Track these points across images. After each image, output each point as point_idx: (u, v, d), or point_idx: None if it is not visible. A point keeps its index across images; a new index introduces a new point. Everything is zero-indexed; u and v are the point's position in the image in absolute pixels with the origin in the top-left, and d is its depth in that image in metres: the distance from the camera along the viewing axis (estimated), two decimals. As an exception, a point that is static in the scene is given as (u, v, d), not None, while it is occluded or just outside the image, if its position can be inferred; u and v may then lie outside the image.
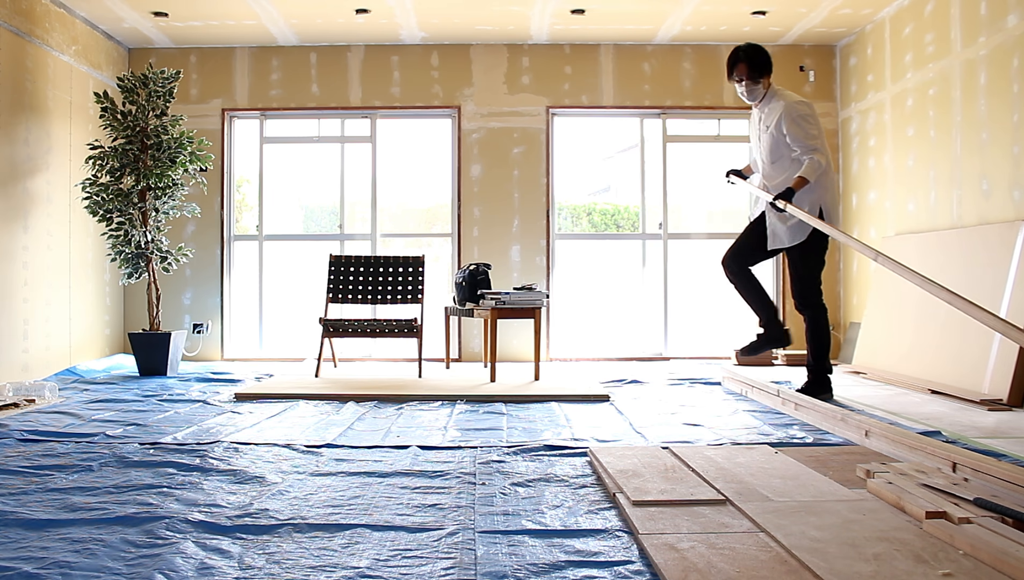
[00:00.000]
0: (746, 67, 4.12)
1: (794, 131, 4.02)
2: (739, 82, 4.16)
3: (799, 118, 4.02)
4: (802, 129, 4.01)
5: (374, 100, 6.53)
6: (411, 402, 4.22)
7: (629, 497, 2.21)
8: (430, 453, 2.95)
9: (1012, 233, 4.29)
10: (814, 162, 3.96)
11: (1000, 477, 2.27)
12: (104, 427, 3.47)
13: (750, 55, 4.12)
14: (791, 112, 4.03)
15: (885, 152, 5.78)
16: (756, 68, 4.12)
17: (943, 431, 3.31)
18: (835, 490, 2.29)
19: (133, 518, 2.11)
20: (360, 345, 6.63)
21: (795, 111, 4.03)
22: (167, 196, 5.45)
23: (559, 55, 6.54)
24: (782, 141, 4.09)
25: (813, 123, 4.04)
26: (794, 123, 4.02)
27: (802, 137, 4.01)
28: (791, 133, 4.02)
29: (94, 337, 5.96)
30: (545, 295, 5.00)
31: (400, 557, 1.83)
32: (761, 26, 6.09)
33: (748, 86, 4.15)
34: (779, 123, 4.06)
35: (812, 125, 4.03)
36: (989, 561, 1.69)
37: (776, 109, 4.10)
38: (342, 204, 6.67)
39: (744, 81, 4.14)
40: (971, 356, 4.34)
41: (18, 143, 4.99)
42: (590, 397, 4.31)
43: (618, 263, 6.75)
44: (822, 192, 4.04)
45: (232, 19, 5.91)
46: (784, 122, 4.04)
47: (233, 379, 5.18)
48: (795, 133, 4.02)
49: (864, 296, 6.05)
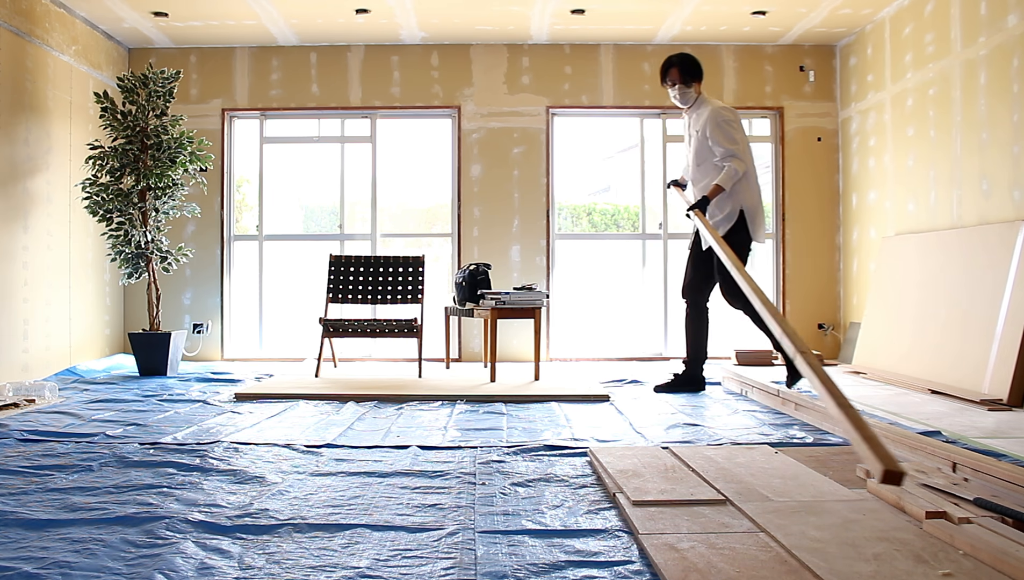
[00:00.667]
0: (678, 72, 4.35)
1: (716, 136, 4.24)
2: (672, 86, 4.39)
3: (723, 123, 4.25)
4: (724, 134, 4.23)
5: (374, 100, 6.53)
6: (411, 402, 4.22)
7: (629, 497, 2.21)
8: (430, 453, 2.95)
9: (1012, 233, 4.29)
10: (730, 169, 4.19)
11: (1000, 477, 2.28)
12: (104, 427, 3.47)
13: (683, 61, 4.37)
14: (715, 117, 4.26)
15: (885, 152, 5.78)
16: (688, 73, 4.35)
17: (943, 431, 3.31)
18: (835, 490, 2.29)
19: (133, 518, 2.11)
20: (360, 345, 6.63)
21: (719, 116, 4.26)
22: (167, 196, 5.45)
23: (559, 55, 6.54)
24: (707, 145, 4.31)
25: (736, 129, 4.27)
26: (717, 128, 4.25)
27: (723, 142, 4.23)
28: (714, 137, 4.25)
29: (94, 337, 5.96)
30: (545, 295, 5.00)
31: (400, 557, 1.83)
32: (761, 26, 6.09)
33: (680, 90, 4.37)
34: (704, 128, 4.29)
35: (735, 131, 4.26)
36: (989, 561, 1.69)
37: (703, 114, 4.33)
38: (342, 204, 6.67)
39: (677, 85, 4.37)
40: (971, 356, 4.34)
41: (18, 143, 4.99)
42: (590, 397, 4.31)
43: (618, 263, 6.75)
44: (742, 196, 4.26)
45: (232, 19, 5.91)
46: (708, 127, 4.27)
47: (233, 379, 5.18)
48: (717, 138, 4.24)
49: (864, 296, 6.05)
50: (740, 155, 4.23)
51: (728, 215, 4.28)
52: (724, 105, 4.34)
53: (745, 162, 4.25)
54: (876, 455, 1.85)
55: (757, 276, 6.79)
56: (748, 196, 4.28)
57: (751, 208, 4.29)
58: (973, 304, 4.45)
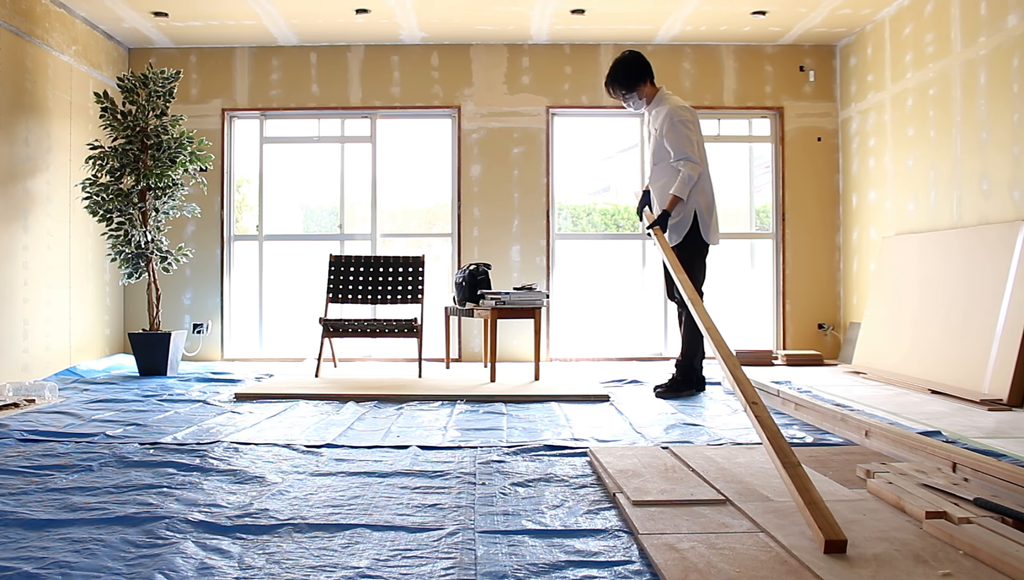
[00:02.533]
0: (617, 86, 4.32)
1: (671, 137, 4.17)
2: (620, 98, 4.37)
3: (679, 124, 4.17)
4: (679, 135, 4.15)
5: (374, 100, 6.53)
6: (411, 402, 4.22)
7: (629, 497, 2.21)
8: (430, 453, 2.95)
9: (1012, 233, 4.29)
10: (685, 176, 4.11)
11: (1000, 477, 2.28)
12: (104, 427, 3.47)
13: (615, 73, 4.30)
14: (672, 117, 4.18)
15: (885, 152, 5.78)
16: (626, 81, 4.29)
17: (943, 431, 3.31)
18: (835, 490, 2.29)
19: (133, 518, 2.11)
20: (360, 345, 6.63)
21: (676, 116, 4.18)
22: (167, 196, 5.45)
23: (559, 55, 6.54)
24: (663, 145, 4.25)
25: (693, 130, 4.19)
26: (672, 129, 4.17)
27: (676, 143, 4.16)
28: (668, 138, 4.19)
29: (94, 337, 5.96)
30: (545, 295, 5.00)
31: (400, 557, 1.83)
32: (761, 26, 6.09)
33: (628, 98, 4.34)
34: (662, 127, 4.23)
35: (692, 132, 4.18)
36: (989, 561, 1.69)
37: (661, 113, 4.25)
38: (342, 204, 6.67)
39: (624, 96, 4.34)
40: (971, 356, 4.33)
41: (18, 143, 4.99)
42: (590, 397, 4.31)
43: (618, 263, 6.75)
44: (696, 199, 4.20)
45: (232, 19, 5.91)
46: (664, 126, 4.20)
47: (233, 379, 5.18)
48: (672, 139, 4.17)
49: (864, 296, 6.05)
50: (695, 158, 4.15)
51: (682, 221, 4.21)
52: (683, 104, 4.26)
53: (699, 165, 4.18)
54: (818, 524, 1.80)
55: (757, 276, 6.79)
56: (702, 198, 4.22)
57: (704, 210, 4.23)
58: (973, 304, 4.45)
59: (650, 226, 4.15)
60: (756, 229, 6.94)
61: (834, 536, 1.77)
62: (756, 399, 2.40)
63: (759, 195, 7.08)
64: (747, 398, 2.42)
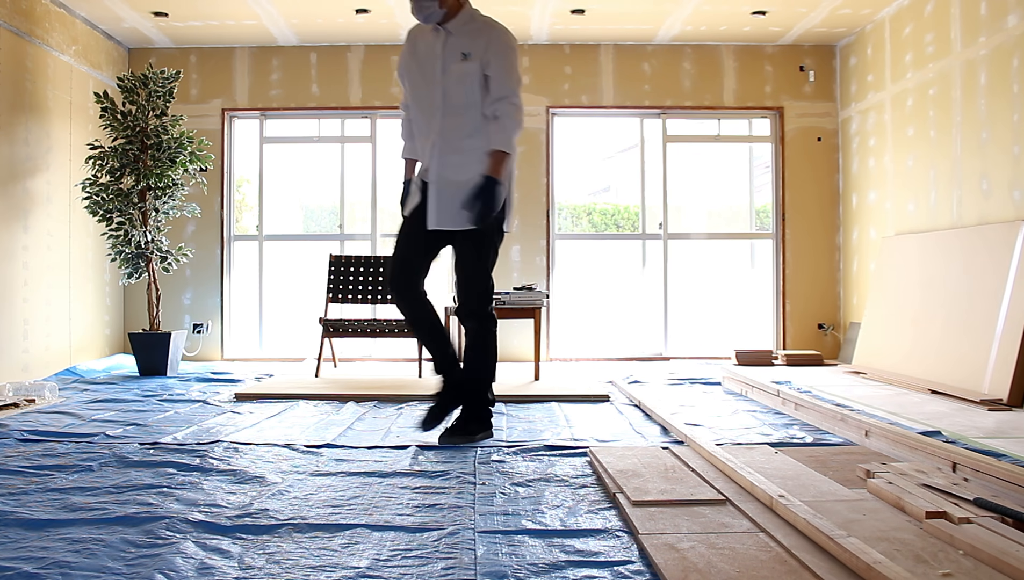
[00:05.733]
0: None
1: (502, 65, 3.01)
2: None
3: (510, 51, 3.05)
4: (512, 68, 3.04)
5: (374, 100, 6.53)
6: (411, 402, 4.22)
7: (629, 497, 2.21)
8: (430, 453, 2.95)
9: (1012, 233, 4.29)
10: (512, 123, 3.01)
11: (1000, 477, 2.28)
12: (104, 427, 3.47)
13: None
14: (505, 42, 3.05)
15: (885, 152, 5.78)
16: None
17: (943, 431, 3.31)
18: (835, 490, 2.29)
19: (133, 518, 2.11)
20: (360, 345, 6.63)
21: (509, 42, 3.07)
22: (167, 196, 5.45)
23: (559, 55, 6.54)
24: (479, 81, 3.03)
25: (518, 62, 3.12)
26: (505, 56, 3.03)
27: (507, 79, 3.02)
28: (497, 70, 3.01)
29: (94, 337, 5.96)
30: (545, 295, 5.00)
31: (400, 557, 1.83)
32: (761, 26, 6.09)
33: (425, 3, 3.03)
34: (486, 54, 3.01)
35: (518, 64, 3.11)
36: (989, 561, 1.69)
37: (475, 35, 3.05)
38: (342, 204, 6.67)
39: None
40: (971, 356, 4.34)
41: (18, 143, 4.99)
42: (590, 397, 4.31)
43: (618, 263, 6.75)
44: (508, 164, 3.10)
45: (232, 19, 5.91)
46: (492, 53, 3.01)
47: (233, 379, 5.18)
48: (502, 68, 3.01)
49: (864, 296, 6.05)
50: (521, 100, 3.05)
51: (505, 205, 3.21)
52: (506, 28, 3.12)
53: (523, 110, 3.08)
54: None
55: (757, 276, 6.80)
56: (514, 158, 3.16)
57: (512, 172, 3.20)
58: (973, 304, 4.45)
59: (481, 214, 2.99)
60: (756, 229, 6.95)
61: None
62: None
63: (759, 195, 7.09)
64: None
